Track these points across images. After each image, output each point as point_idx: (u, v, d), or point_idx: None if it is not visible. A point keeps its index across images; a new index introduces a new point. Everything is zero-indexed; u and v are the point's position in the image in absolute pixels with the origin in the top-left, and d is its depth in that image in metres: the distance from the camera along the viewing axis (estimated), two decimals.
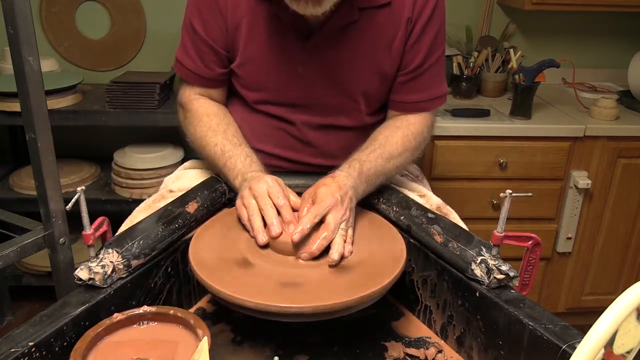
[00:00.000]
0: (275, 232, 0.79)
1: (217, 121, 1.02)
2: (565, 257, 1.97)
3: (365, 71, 1.00)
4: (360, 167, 0.91)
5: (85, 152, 2.13)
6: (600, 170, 1.85)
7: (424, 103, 1.04)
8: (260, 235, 0.80)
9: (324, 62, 0.99)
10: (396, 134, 1.00)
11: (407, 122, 1.03)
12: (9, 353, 0.59)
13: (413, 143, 1.01)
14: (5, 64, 1.93)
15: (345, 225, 0.81)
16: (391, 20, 0.97)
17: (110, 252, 0.73)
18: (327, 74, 1.00)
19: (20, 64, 0.94)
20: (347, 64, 0.99)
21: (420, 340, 0.80)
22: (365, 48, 0.98)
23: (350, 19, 0.95)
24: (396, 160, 0.98)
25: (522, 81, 1.82)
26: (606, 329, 0.44)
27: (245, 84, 1.05)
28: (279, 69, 1.00)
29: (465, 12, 2.15)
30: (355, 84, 1.01)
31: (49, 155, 1.02)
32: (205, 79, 1.04)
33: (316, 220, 0.79)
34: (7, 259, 1.03)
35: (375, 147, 0.97)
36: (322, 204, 0.80)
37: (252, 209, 0.83)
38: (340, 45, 0.98)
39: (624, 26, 2.22)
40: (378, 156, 0.95)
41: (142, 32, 2.08)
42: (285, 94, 1.03)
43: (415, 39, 0.98)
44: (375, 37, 0.98)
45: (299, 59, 0.99)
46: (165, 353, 0.64)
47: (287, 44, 0.98)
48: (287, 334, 0.78)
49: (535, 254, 0.77)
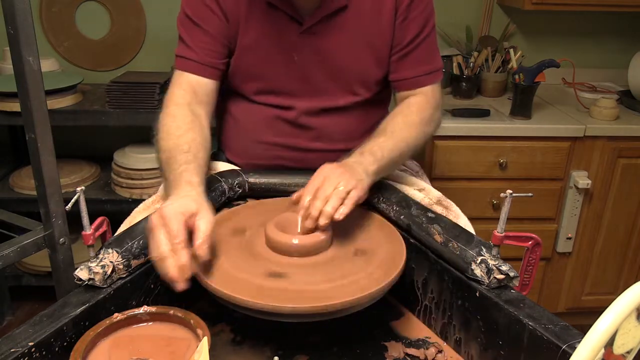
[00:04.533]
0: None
1: (177, 125, 0.96)
2: (565, 257, 1.97)
3: (360, 54, 1.03)
4: (361, 149, 0.94)
5: (85, 152, 2.13)
6: (600, 170, 1.84)
7: (423, 77, 1.06)
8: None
9: (318, 48, 1.01)
10: (396, 117, 1.02)
11: (407, 104, 1.05)
12: (9, 353, 0.59)
13: (416, 119, 1.02)
14: (5, 64, 1.93)
15: (346, 185, 0.82)
16: (379, 1, 1.00)
17: (110, 252, 0.73)
18: (322, 60, 1.02)
19: (20, 64, 0.94)
20: (341, 49, 1.02)
21: (420, 340, 0.80)
22: (357, 32, 1.01)
23: (340, 4, 0.98)
24: (402, 133, 0.99)
25: (522, 81, 1.82)
26: (606, 329, 0.44)
27: (243, 74, 1.06)
28: (275, 58, 1.02)
29: (465, 12, 2.15)
30: (350, 68, 1.03)
31: (49, 155, 1.02)
32: (207, 66, 1.02)
33: (314, 190, 0.81)
34: (7, 259, 1.04)
35: (376, 133, 0.99)
36: (318, 175, 0.83)
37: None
38: (332, 31, 1.00)
39: (624, 26, 2.22)
40: (379, 135, 0.98)
41: (142, 32, 2.08)
42: (282, 82, 1.05)
43: (405, 15, 1.01)
44: (366, 20, 1.00)
45: (293, 47, 1.01)
46: (165, 353, 0.64)
47: (282, 33, 1.00)
48: (287, 334, 0.78)
49: (535, 254, 0.77)
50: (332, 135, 1.08)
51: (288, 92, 1.05)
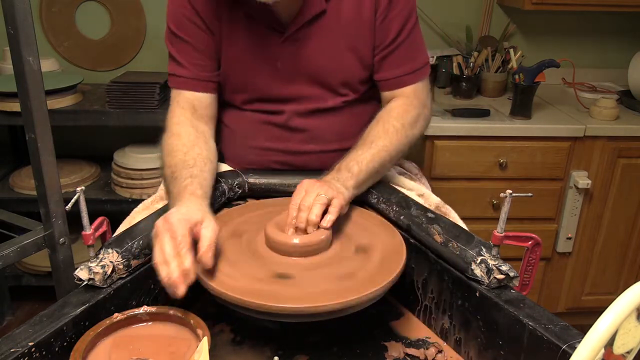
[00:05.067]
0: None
1: (182, 142, 0.97)
2: (565, 257, 1.97)
3: (342, 57, 1.02)
4: (339, 166, 0.94)
5: (85, 152, 2.13)
6: (600, 170, 1.84)
7: (406, 77, 1.05)
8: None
9: (300, 55, 1.01)
10: (377, 125, 1.01)
11: (388, 109, 1.04)
12: (9, 353, 0.59)
13: (397, 124, 1.00)
14: (5, 64, 1.93)
15: (326, 193, 0.83)
16: (357, 5, 0.99)
17: (110, 252, 0.73)
18: (305, 65, 1.02)
19: (20, 64, 0.94)
20: (323, 53, 1.01)
21: (420, 340, 0.80)
22: (338, 35, 1.00)
23: (319, 9, 0.98)
24: (382, 141, 0.98)
25: (522, 81, 1.82)
26: (606, 329, 0.44)
27: (230, 86, 1.07)
28: (260, 68, 1.02)
29: (465, 12, 2.15)
30: (334, 72, 1.03)
31: (49, 155, 1.02)
32: (200, 81, 1.04)
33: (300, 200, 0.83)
34: (7, 259, 1.04)
35: (356, 144, 0.99)
36: (299, 190, 0.85)
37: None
38: (313, 37, 1.00)
39: (624, 26, 2.22)
40: (358, 147, 0.98)
41: (142, 32, 2.08)
42: (269, 91, 1.05)
43: (385, 15, 1.00)
44: (345, 23, 1.00)
45: (276, 56, 1.01)
46: (165, 353, 0.64)
47: (263, 43, 1.00)
48: (287, 334, 0.78)
49: (535, 254, 0.77)
50: (324, 136, 1.08)
51: (275, 99, 1.05)
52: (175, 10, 1.02)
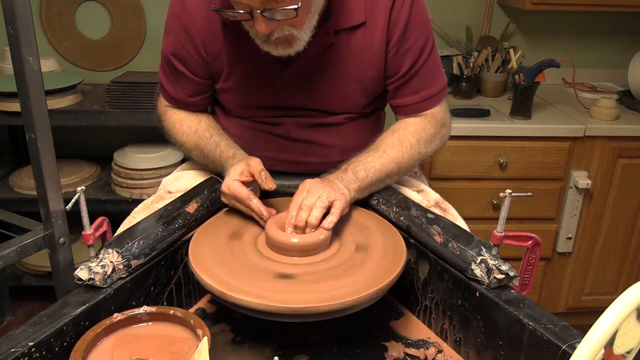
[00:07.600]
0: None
1: (188, 124, 1.07)
2: (565, 257, 1.97)
3: (347, 88, 1.00)
4: (345, 166, 0.94)
5: (85, 152, 2.13)
6: (600, 170, 1.84)
7: (424, 102, 1.02)
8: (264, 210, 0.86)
9: (305, 84, 1.00)
10: (392, 135, 1.00)
11: (405, 123, 1.02)
12: (9, 353, 0.59)
13: (412, 140, 0.99)
14: (5, 64, 1.93)
15: (327, 195, 0.83)
16: (368, 39, 0.96)
17: (110, 252, 0.73)
18: (310, 94, 1.01)
19: (20, 64, 0.94)
20: (327, 83, 1.00)
21: (420, 341, 0.80)
22: (345, 68, 0.98)
23: (327, 43, 0.96)
24: (394, 153, 0.97)
25: (522, 81, 1.82)
26: (606, 329, 0.44)
27: (229, 105, 1.08)
28: (263, 93, 1.03)
29: (465, 12, 2.15)
30: (337, 100, 1.02)
31: (49, 155, 1.02)
32: (185, 104, 1.08)
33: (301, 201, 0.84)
34: (7, 259, 1.04)
35: (369, 148, 0.99)
36: (301, 190, 0.86)
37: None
38: (320, 68, 0.98)
39: (624, 26, 2.22)
40: (369, 151, 0.97)
41: (142, 32, 2.08)
42: (270, 112, 1.05)
43: (398, 48, 0.97)
44: (354, 57, 0.97)
45: (281, 83, 1.00)
46: (165, 353, 0.64)
47: (268, 71, 0.99)
48: (287, 334, 0.78)
49: (535, 254, 0.77)
50: (325, 148, 1.06)
51: (276, 114, 1.05)
52: (175, 44, 1.00)
